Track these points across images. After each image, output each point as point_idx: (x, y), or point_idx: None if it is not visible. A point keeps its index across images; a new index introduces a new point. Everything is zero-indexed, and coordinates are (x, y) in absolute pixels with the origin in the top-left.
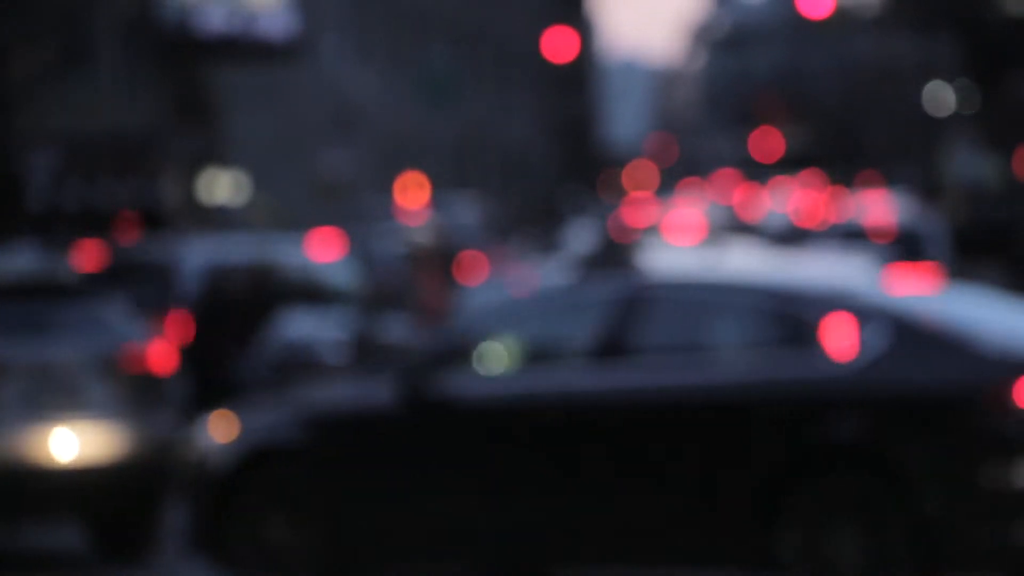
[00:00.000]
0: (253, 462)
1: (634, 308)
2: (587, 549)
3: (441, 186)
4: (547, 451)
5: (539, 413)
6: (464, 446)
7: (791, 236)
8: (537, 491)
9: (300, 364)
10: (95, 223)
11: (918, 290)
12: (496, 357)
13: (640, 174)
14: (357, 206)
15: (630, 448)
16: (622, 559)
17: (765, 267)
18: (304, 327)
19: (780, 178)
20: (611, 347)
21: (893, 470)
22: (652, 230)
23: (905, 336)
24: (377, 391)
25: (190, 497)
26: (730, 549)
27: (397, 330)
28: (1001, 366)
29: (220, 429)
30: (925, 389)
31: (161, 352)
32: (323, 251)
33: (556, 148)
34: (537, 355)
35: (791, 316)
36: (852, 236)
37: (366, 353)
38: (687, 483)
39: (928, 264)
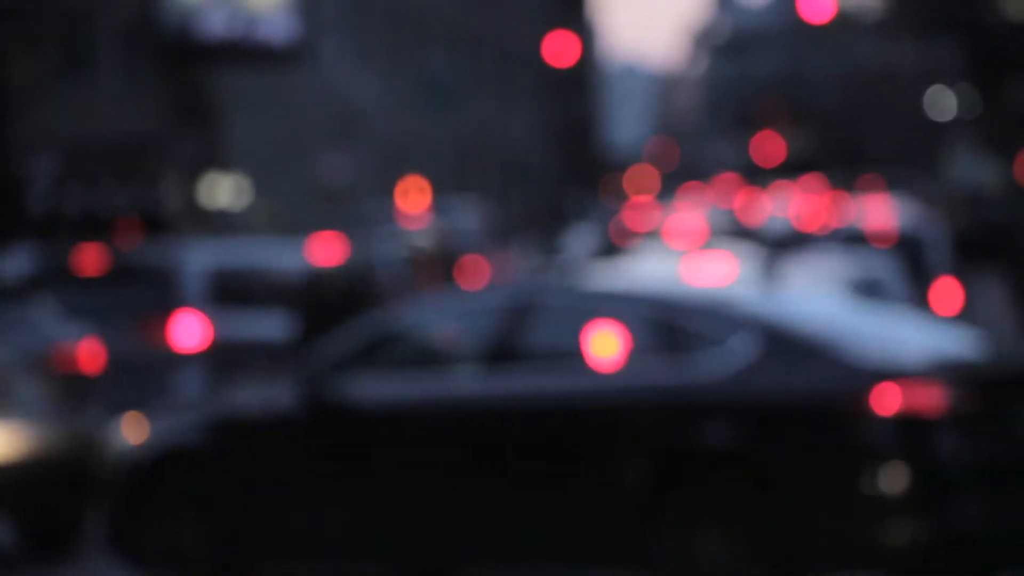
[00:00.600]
0: (162, 464)
1: (524, 315)
2: (480, 550)
3: (442, 190)
4: (440, 454)
5: (433, 417)
6: (361, 448)
7: (792, 240)
8: (430, 493)
9: None
10: (96, 227)
11: (795, 297)
12: (396, 361)
13: (641, 178)
14: (358, 210)
15: (517, 452)
16: (512, 560)
17: (658, 276)
18: None
19: (781, 182)
20: (502, 352)
21: (763, 475)
22: (653, 234)
23: (775, 344)
24: (280, 395)
25: (106, 497)
26: (610, 551)
27: None
28: (862, 374)
29: (132, 431)
30: (793, 396)
31: (90, 352)
32: (324, 255)
33: (557, 152)
34: (434, 359)
35: (669, 324)
36: (853, 240)
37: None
38: (570, 486)
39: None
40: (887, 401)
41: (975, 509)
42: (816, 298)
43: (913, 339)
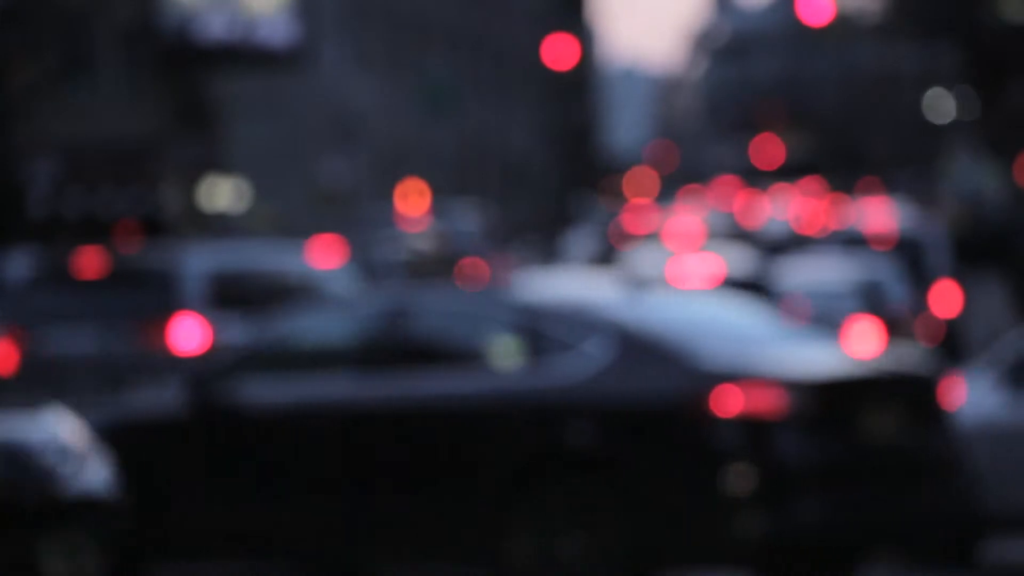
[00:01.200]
0: None
1: (398, 320)
2: (357, 548)
3: (441, 193)
4: (317, 456)
5: (311, 420)
6: (247, 450)
7: (791, 243)
8: (308, 494)
9: None
10: (96, 230)
11: (653, 301)
12: (281, 365)
13: (640, 181)
14: (357, 213)
15: (387, 453)
16: (384, 558)
17: (534, 283)
18: None
19: (780, 185)
20: (377, 357)
21: (614, 475)
22: (652, 237)
23: (629, 348)
24: (171, 399)
25: None
26: (473, 550)
27: None
28: (705, 377)
29: None
30: (643, 398)
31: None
32: (324, 258)
33: (556, 155)
34: (316, 364)
35: (530, 329)
36: (853, 243)
37: None
38: (435, 487)
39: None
40: (728, 403)
41: (819, 506)
42: (680, 302)
43: (771, 342)
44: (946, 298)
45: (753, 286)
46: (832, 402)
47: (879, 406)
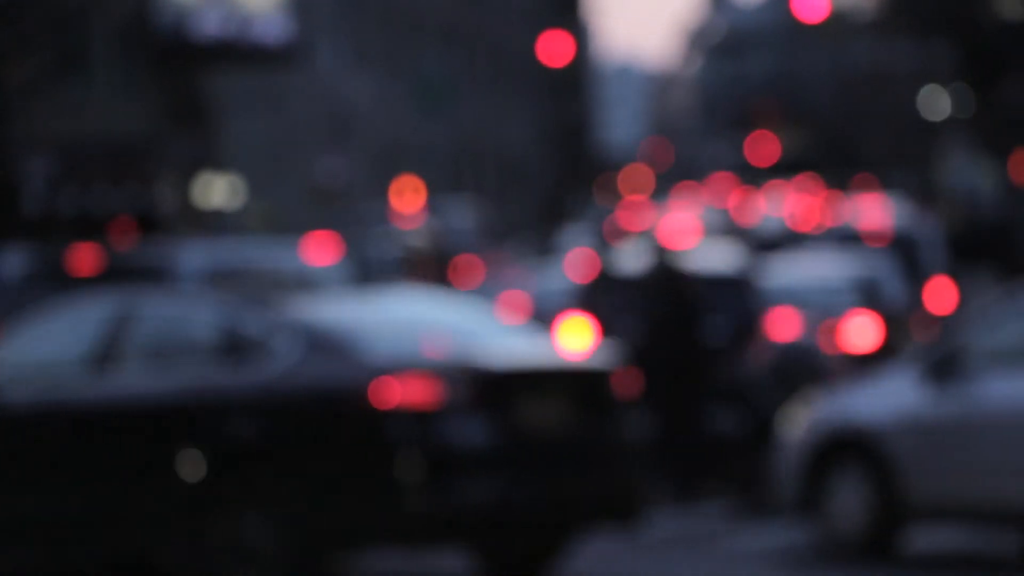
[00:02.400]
0: None
1: (124, 322)
2: (83, 536)
3: (436, 190)
4: (53, 451)
5: (47, 418)
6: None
7: (787, 240)
8: (46, 485)
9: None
10: (91, 228)
11: (335, 300)
12: (33, 366)
13: (636, 178)
14: (353, 210)
15: (106, 448)
16: (106, 546)
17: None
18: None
19: (776, 182)
20: (103, 356)
21: (294, 464)
22: (647, 234)
23: (314, 345)
24: None
25: None
26: (175, 536)
27: None
28: (371, 370)
29: None
30: (322, 392)
31: None
32: (319, 255)
33: (552, 152)
34: (53, 364)
35: (229, 329)
36: (848, 240)
37: None
38: (145, 478)
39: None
40: (388, 394)
41: (481, 487)
42: (389, 301)
43: (464, 338)
44: (941, 295)
45: (740, 282)
46: (495, 392)
47: (545, 397)
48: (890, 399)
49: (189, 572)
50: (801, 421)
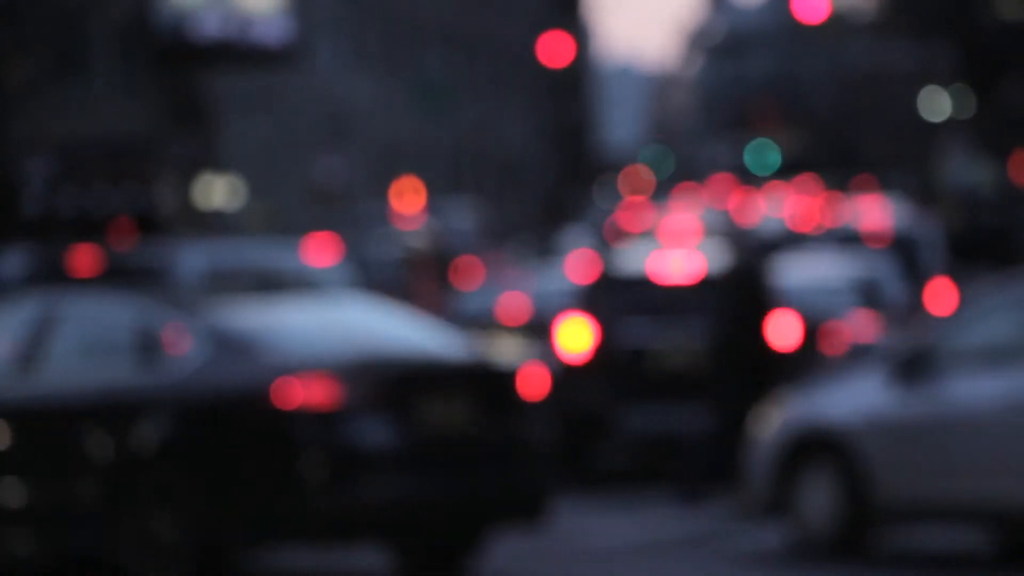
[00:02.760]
0: None
1: (44, 323)
2: (12, 532)
3: (437, 191)
4: None
5: None
6: None
7: (787, 241)
8: None
9: None
10: (91, 228)
11: (249, 302)
12: None
13: (636, 179)
14: (353, 211)
15: (28, 448)
16: (29, 542)
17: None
18: None
19: (776, 183)
20: (26, 357)
21: (202, 464)
22: (648, 235)
23: (223, 347)
24: None
25: None
26: (93, 533)
27: None
28: (276, 370)
29: None
30: (229, 393)
31: None
32: (319, 256)
33: (552, 153)
34: None
35: (145, 330)
36: (848, 241)
37: None
38: (65, 477)
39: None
40: (290, 395)
41: (382, 485)
42: (289, 302)
43: (374, 341)
44: (941, 296)
45: (740, 282)
46: (397, 392)
47: (449, 397)
48: (859, 399)
49: (106, 568)
50: (773, 421)
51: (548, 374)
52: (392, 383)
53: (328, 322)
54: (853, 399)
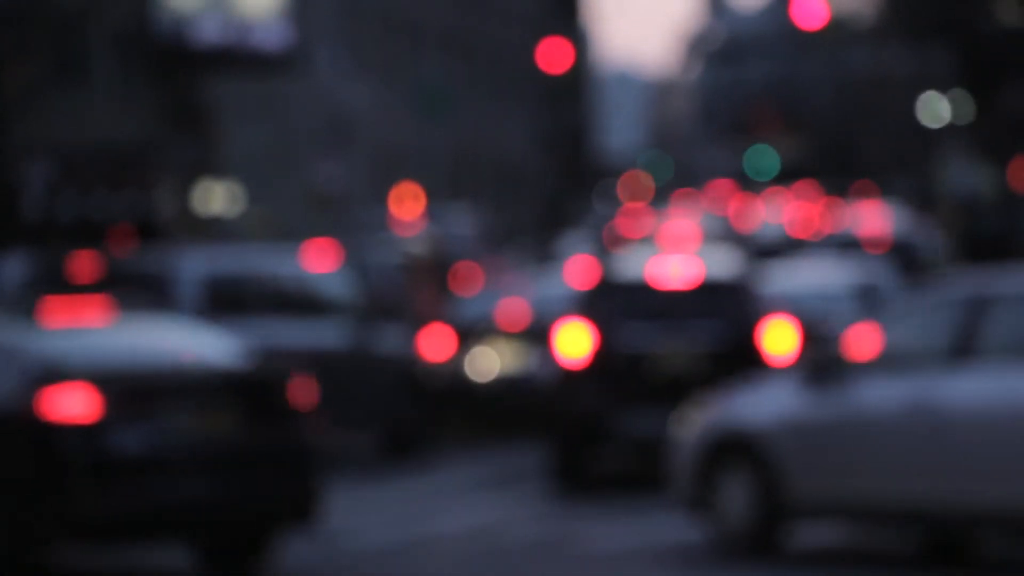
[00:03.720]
0: None
1: None
2: None
3: (436, 197)
4: None
5: None
6: None
7: (786, 247)
8: None
9: None
10: (90, 234)
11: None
12: None
13: (635, 185)
14: (352, 217)
15: None
16: None
17: None
18: None
19: (775, 189)
20: None
21: None
22: (647, 240)
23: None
24: None
25: None
26: None
27: (392, 340)
28: (36, 381)
29: None
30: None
31: None
32: (318, 262)
33: (551, 159)
34: None
35: None
36: (847, 246)
37: (361, 363)
38: None
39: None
40: (51, 405)
41: (140, 491)
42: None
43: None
44: None
45: (737, 288)
46: (155, 401)
47: (214, 405)
48: (773, 403)
49: None
50: (694, 423)
51: (315, 384)
52: (151, 393)
53: (98, 336)
54: (767, 403)
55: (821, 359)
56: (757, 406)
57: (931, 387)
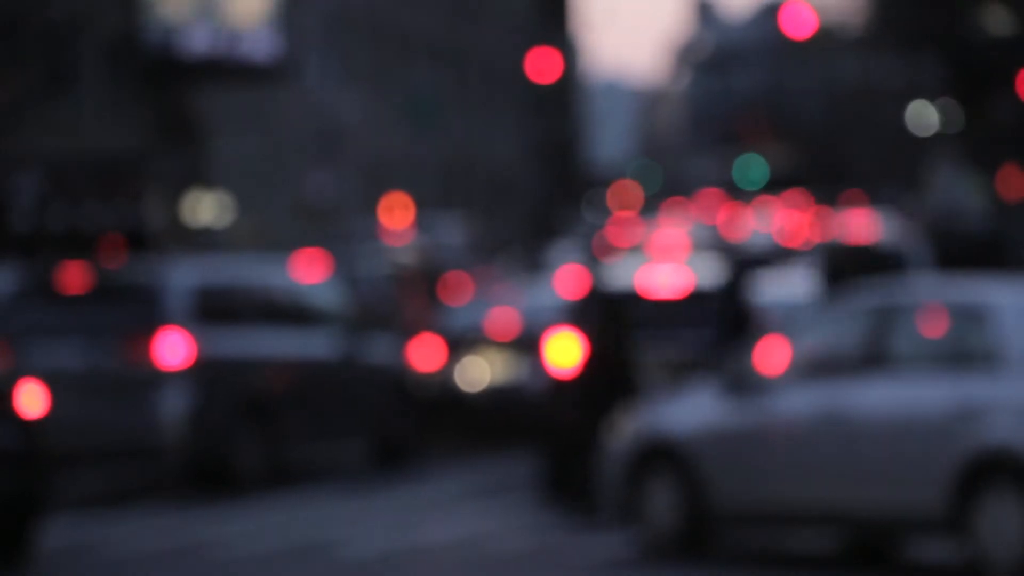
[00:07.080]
0: None
1: None
2: None
3: (425, 207)
4: None
5: None
6: None
7: (775, 256)
8: None
9: None
10: (80, 245)
11: None
12: None
13: (624, 194)
14: (342, 227)
15: None
16: None
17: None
18: None
19: (764, 198)
20: None
21: None
22: (637, 250)
23: None
24: None
25: None
26: None
27: (382, 350)
28: None
29: None
30: None
31: None
32: (308, 272)
33: (540, 168)
34: None
35: None
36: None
37: (351, 373)
38: None
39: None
40: None
41: None
42: None
43: None
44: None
45: (726, 297)
46: None
47: None
48: (695, 411)
49: None
50: (623, 430)
51: (47, 390)
52: None
53: None
54: (690, 411)
55: (739, 367)
56: (680, 414)
57: (843, 395)
